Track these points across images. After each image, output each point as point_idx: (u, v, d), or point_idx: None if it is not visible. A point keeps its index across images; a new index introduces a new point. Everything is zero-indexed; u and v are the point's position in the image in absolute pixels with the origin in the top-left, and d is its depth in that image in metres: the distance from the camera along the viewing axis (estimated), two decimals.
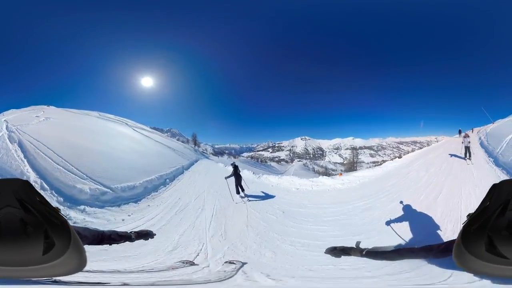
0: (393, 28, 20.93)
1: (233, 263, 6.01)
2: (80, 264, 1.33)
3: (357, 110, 23.33)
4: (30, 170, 6.79)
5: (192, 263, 6.10)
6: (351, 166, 21.16)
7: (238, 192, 10.41)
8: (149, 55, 18.90)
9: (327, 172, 19.71)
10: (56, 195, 6.40)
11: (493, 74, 21.33)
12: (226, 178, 10.52)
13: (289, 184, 13.13)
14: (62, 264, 1.25)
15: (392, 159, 16.47)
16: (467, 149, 12.53)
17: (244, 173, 13.89)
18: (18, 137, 9.16)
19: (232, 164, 11.26)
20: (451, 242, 1.73)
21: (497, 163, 11.28)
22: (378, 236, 6.70)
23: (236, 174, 10.60)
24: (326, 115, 23.36)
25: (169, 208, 9.06)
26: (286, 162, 22.41)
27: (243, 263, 5.83)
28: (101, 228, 2.17)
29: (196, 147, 20.05)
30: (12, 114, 14.60)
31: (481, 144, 14.65)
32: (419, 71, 22.26)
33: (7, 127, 10.23)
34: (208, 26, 19.54)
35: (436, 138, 22.70)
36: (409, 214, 7.48)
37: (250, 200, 9.98)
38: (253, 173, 15.09)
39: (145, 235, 2.77)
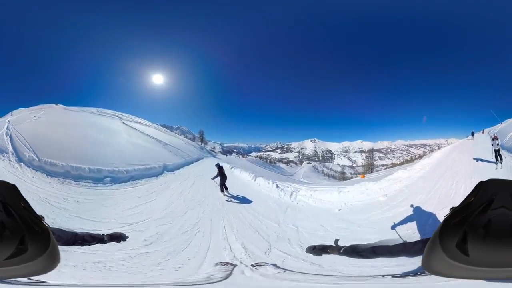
0: (402, 31, 20.74)
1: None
2: (45, 268, 1.31)
3: (366, 112, 22.91)
4: (10, 146, 10.99)
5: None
6: (369, 168, 20.64)
7: (222, 191, 10.47)
8: (160, 54, 18.39)
9: (344, 176, 19.13)
10: (14, 154, 10.55)
11: (501, 74, 21.17)
12: (212, 179, 10.42)
13: (365, 196, 8.64)
14: (25, 268, 1.23)
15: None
16: (497, 152, 11.59)
17: (262, 185, 11.32)
18: (10, 132, 12.57)
19: (216, 165, 10.92)
20: (424, 240, 1.80)
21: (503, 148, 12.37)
22: None
23: (221, 174, 10.56)
24: (335, 118, 22.87)
25: None
26: (295, 163, 21.77)
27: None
28: (75, 230, 2.17)
29: (203, 145, 19.19)
30: (19, 114, 15.82)
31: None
32: (427, 73, 22.05)
33: (7, 126, 13.13)
34: (219, 26, 19.10)
35: (446, 140, 22.38)
36: None
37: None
38: (277, 186, 10.44)
39: (118, 237, 2.70)
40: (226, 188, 10.61)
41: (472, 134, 19.13)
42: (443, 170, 11.30)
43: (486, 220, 1.13)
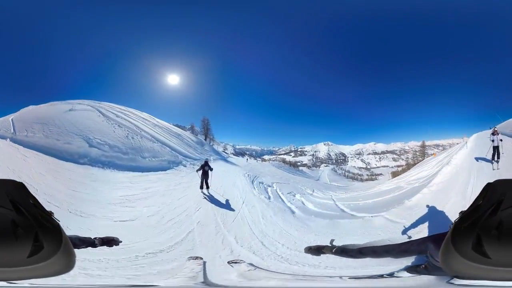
0: (412, 32, 20.38)
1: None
2: (65, 267, 1.28)
3: (378, 115, 22.17)
4: None
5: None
6: (423, 158, 20.74)
7: (201, 187, 10.48)
8: (174, 53, 16.93)
9: (372, 177, 18.13)
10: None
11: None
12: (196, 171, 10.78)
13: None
14: (46, 267, 1.20)
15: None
16: (496, 149, 9.99)
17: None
18: None
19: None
20: (406, 243, 1.93)
21: None
22: None
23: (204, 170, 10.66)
24: (348, 121, 21.87)
25: None
26: (315, 167, 20.33)
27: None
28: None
29: (208, 140, 16.55)
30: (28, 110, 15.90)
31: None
32: (439, 74, 21.84)
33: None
34: (234, 25, 17.78)
35: (462, 138, 22.14)
36: None
37: None
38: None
39: (111, 241, 2.56)
40: (208, 187, 10.55)
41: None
42: None
43: (497, 221, 1.14)
